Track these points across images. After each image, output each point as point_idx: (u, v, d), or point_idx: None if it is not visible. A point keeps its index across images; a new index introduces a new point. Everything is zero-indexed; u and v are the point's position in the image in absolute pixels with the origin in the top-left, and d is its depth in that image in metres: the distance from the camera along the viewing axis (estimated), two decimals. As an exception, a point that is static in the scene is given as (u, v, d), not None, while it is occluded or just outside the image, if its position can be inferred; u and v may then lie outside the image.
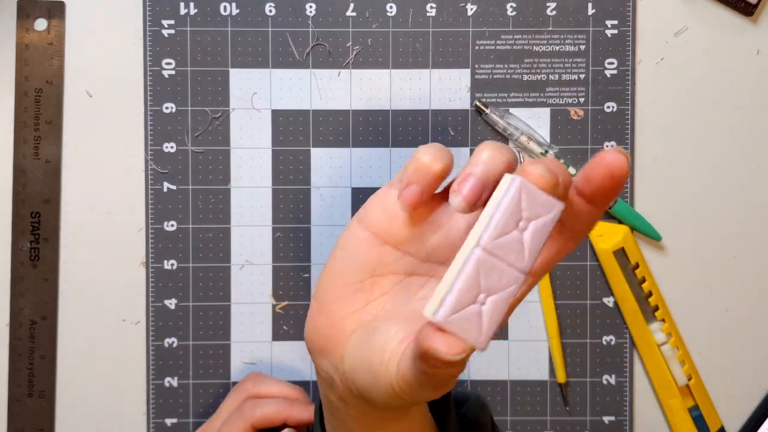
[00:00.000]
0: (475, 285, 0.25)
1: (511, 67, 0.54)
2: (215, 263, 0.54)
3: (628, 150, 0.54)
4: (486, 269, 0.25)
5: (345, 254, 0.32)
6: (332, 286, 0.32)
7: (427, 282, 0.32)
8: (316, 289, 0.33)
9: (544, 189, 0.26)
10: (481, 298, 0.25)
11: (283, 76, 0.54)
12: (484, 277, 0.25)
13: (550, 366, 0.55)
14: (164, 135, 0.54)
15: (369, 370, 0.29)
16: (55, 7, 0.54)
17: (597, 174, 0.27)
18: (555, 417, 0.55)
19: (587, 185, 0.27)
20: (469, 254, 0.25)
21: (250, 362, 0.54)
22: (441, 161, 0.30)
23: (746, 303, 0.55)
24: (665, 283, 0.55)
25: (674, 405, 0.54)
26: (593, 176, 0.27)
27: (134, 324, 0.54)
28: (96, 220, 0.54)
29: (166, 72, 0.54)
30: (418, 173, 0.30)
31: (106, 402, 0.54)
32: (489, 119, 0.54)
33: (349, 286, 0.32)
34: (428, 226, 0.31)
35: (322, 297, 0.32)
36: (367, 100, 0.54)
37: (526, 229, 0.25)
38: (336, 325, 0.32)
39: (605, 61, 0.54)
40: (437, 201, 0.32)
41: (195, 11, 0.54)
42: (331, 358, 0.32)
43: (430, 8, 0.54)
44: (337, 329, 0.32)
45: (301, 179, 0.54)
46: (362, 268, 0.32)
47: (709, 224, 0.55)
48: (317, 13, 0.54)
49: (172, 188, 0.54)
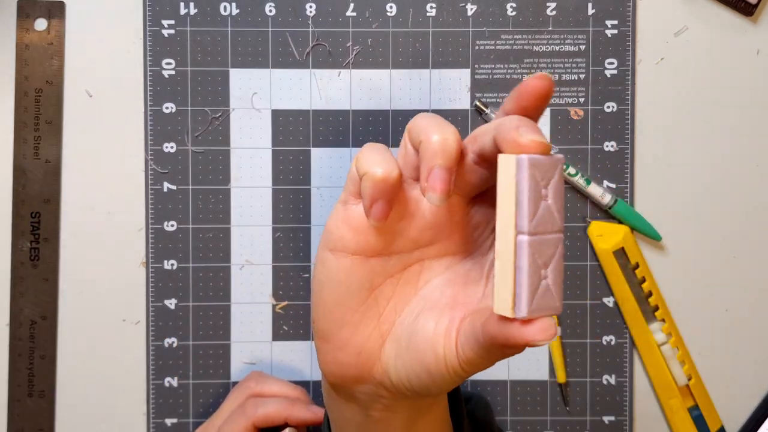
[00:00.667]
0: (536, 268, 0.26)
1: (511, 67, 0.54)
2: (215, 263, 0.54)
3: (628, 150, 0.54)
4: (537, 249, 0.26)
5: (335, 288, 0.31)
6: (339, 321, 0.32)
7: (422, 266, 0.32)
8: (319, 331, 0.32)
9: (544, 152, 0.26)
10: (543, 274, 0.26)
11: (283, 76, 0.54)
12: (538, 257, 0.26)
13: (550, 366, 0.55)
14: (164, 135, 0.54)
15: (424, 370, 0.30)
16: (55, 7, 0.54)
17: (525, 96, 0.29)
18: (555, 417, 0.55)
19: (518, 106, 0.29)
20: (518, 244, 0.26)
21: (250, 362, 0.54)
22: (393, 169, 0.29)
23: (746, 303, 0.55)
24: (665, 283, 0.55)
25: (674, 405, 0.54)
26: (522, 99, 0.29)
27: (134, 324, 0.54)
28: (96, 220, 0.54)
29: (166, 72, 0.54)
30: (378, 189, 0.29)
31: (106, 402, 0.54)
32: (489, 119, 0.54)
33: (356, 313, 0.31)
34: (402, 221, 0.31)
35: (333, 336, 0.32)
36: (367, 100, 0.54)
37: (548, 196, 0.26)
38: (363, 352, 0.32)
39: (605, 61, 0.54)
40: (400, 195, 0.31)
41: (195, 11, 0.54)
42: (370, 379, 0.32)
43: (430, 8, 0.54)
44: (364, 355, 0.32)
45: (301, 179, 0.54)
46: (360, 290, 0.31)
47: (709, 224, 0.55)
48: (317, 13, 0.54)
49: (172, 188, 0.54)
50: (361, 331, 0.32)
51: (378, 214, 0.30)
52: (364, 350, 0.32)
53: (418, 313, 0.31)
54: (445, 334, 0.30)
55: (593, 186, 0.53)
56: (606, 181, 0.54)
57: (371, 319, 0.32)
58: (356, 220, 0.31)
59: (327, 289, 0.32)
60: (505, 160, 0.27)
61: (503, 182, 0.27)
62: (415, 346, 0.30)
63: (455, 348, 0.29)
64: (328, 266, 0.32)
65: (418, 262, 0.32)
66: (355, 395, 0.33)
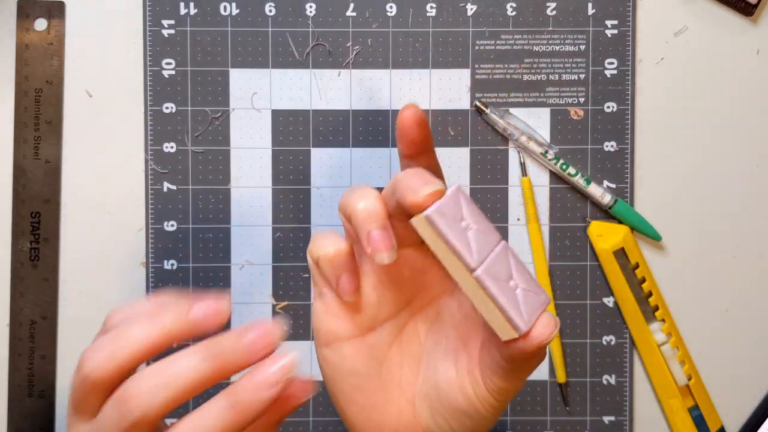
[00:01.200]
0: (504, 287, 0.28)
1: (511, 67, 0.54)
2: (215, 263, 0.54)
3: (628, 150, 0.54)
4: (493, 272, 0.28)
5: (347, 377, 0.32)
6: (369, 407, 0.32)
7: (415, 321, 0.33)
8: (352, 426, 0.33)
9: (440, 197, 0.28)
10: (513, 285, 0.28)
11: (283, 76, 0.54)
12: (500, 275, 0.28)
13: (550, 366, 0.55)
14: (164, 135, 0.54)
15: (462, 414, 0.31)
16: (55, 7, 0.54)
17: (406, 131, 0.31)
18: (555, 417, 0.55)
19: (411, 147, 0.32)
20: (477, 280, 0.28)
21: (250, 362, 0.54)
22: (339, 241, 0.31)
23: (746, 303, 0.55)
24: (665, 283, 0.55)
25: (674, 405, 0.54)
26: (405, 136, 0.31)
27: (134, 324, 0.54)
28: (96, 220, 0.54)
29: (166, 72, 0.54)
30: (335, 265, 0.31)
31: (106, 402, 0.54)
32: (489, 119, 0.54)
33: (377, 392, 0.32)
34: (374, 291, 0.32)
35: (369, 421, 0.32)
36: (367, 100, 0.54)
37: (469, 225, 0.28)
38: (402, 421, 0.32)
39: (605, 61, 0.54)
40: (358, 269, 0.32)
41: (195, 11, 0.54)
42: None
43: (430, 8, 0.54)
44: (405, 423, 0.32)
45: (301, 179, 0.54)
46: (370, 369, 0.32)
47: (709, 224, 0.55)
48: (317, 13, 0.54)
49: (172, 188, 0.54)
50: (390, 408, 0.32)
51: (347, 287, 0.31)
52: (401, 424, 0.32)
53: (435, 366, 0.32)
54: (468, 373, 0.30)
55: (593, 186, 0.54)
56: (606, 181, 0.54)
57: (393, 392, 0.33)
58: (335, 306, 0.32)
59: (340, 382, 0.33)
60: (418, 222, 0.28)
61: (429, 238, 0.28)
62: (446, 396, 0.31)
63: (482, 383, 0.30)
64: (331, 361, 0.33)
65: (410, 319, 0.33)
66: None
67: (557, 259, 0.54)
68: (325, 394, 0.54)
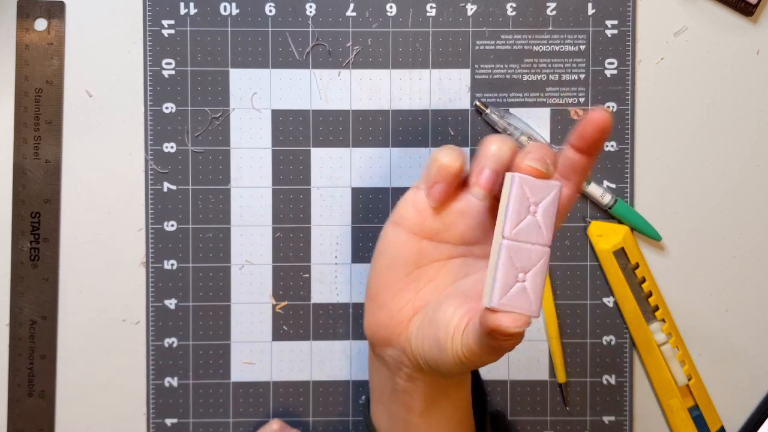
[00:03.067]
0: (512, 268, 0.30)
1: (511, 67, 0.54)
2: (215, 263, 0.54)
3: (628, 150, 0.54)
4: (516, 253, 0.30)
5: (389, 256, 0.37)
6: (385, 284, 0.37)
7: (464, 261, 0.37)
8: (368, 291, 0.38)
9: (538, 177, 0.31)
10: (520, 277, 0.30)
11: (283, 76, 0.54)
12: (517, 260, 0.30)
13: (550, 366, 0.55)
14: (164, 135, 0.54)
15: (436, 344, 0.34)
16: (55, 7, 0.54)
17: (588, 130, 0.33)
18: (555, 417, 0.55)
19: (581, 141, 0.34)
20: (499, 247, 0.30)
21: (249, 362, 0.54)
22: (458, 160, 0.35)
23: (746, 303, 0.55)
24: (665, 283, 0.55)
25: (674, 405, 0.54)
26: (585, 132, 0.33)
27: (134, 324, 0.54)
28: (96, 220, 0.54)
29: (166, 72, 0.54)
30: (441, 173, 0.35)
31: (106, 402, 0.54)
32: (489, 119, 0.54)
33: (400, 281, 0.37)
34: (455, 215, 0.36)
35: (377, 296, 0.38)
36: (367, 100, 0.54)
37: (537, 212, 0.30)
38: (395, 316, 0.37)
39: (605, 61, 0.54)
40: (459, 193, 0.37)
41: (195, 11, 0.54)
42: (397, 344, 0.37)
43: (430, 8, 0.54)
44: (397, 319, 0.37)
45: (301, 179, 0.54)
46: (407, 263, 0.37)
47: (709, 224, 0.55)
48: (317, 13, 0.54)
49: (172, 188, 0.54)
50: (400, 298, 0.37)
51: (436, 195, 0.36)
52: (396, 315, 0.37)
53: (446, 299, 0.35)
54: (459, 318, 0.34)
55: (593, 186, 0.53)
56: (606, 181, 0.54)
57: (410, 292, 0.37)
58: (420, 203, 0.36)
59: (382, 257, 0.38)
60: (506, 177, 0.32)
61: (503, 195, 0.32)
62: (435, 322, 0.35)
63: (462, 331, 0.33)
64: (387, 237, 0.37)
65: (462, 257, 0.37)
66: (385, 358, 0.38)
67: (557, 259, 0.54)
68: (325, 395, 0.54)
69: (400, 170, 0.54)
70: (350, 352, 0.55)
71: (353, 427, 0.55)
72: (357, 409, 0.55)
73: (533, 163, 0.31)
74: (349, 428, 0.55)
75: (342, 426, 0.55)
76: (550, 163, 0.32)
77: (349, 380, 0.55)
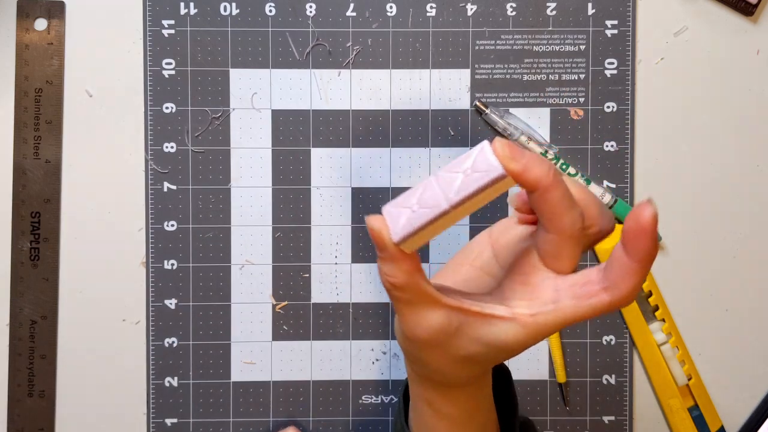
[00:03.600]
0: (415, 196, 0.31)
1: (511, 67, 0.54)
2: (215, 263, 0.54)
3: (628, 150, 0.54)
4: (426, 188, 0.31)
5: None
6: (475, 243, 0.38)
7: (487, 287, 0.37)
8: None
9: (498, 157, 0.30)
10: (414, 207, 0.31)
11: (283, 76, 0.54)
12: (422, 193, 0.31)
13: (550, 366, 0.55)
14: (164, 135, 0.54)
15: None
16: (55, 7, 0.54)
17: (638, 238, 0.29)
18: (555, 417, 0.55)
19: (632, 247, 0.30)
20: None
21: (250, 362, 0.54)
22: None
23: (746, 303, 0.55)
24: (665, 283, 0.55)
25: (674, 405, 0.54)
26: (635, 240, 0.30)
27: (134, 324, 0.54)
28: (96, 220, 0.54)
29: (166, 72, 0.54)
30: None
31: (106, 402, 0.54)
32: (489, 119, 0.54)
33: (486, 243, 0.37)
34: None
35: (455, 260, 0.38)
36: (367, 100, 0.54)
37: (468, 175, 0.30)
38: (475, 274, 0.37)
39: (605, 61, 0.54)
40: None
41: (195, 11, 0.54)
42: None
43: (430, 8, 0.54)
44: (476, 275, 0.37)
45: (301, 179, 0.54)
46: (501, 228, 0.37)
47: (709, 224, 0.55)
48: (317, 13, 0.54)
49: (172, 188, 0.54)
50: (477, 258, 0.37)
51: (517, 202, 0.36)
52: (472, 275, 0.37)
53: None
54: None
55: (593, 186, 0.53)
56: (606, 181, 0.54)
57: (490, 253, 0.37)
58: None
59: None
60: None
61: None
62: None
63: None
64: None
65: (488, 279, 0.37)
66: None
67: (557, 259, 0.54)
68: (325, 395, 0.54)
69: (400, 170, 0.54)
70: (350, 352, 0.55)
71: (353, 427, 0.55)
72: (357, 409, 0.55)
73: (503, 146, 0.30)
74: (349, 428, 0.55)
75: (342, 426, 0.55)
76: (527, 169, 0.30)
77: (349, 380, 0.55)
